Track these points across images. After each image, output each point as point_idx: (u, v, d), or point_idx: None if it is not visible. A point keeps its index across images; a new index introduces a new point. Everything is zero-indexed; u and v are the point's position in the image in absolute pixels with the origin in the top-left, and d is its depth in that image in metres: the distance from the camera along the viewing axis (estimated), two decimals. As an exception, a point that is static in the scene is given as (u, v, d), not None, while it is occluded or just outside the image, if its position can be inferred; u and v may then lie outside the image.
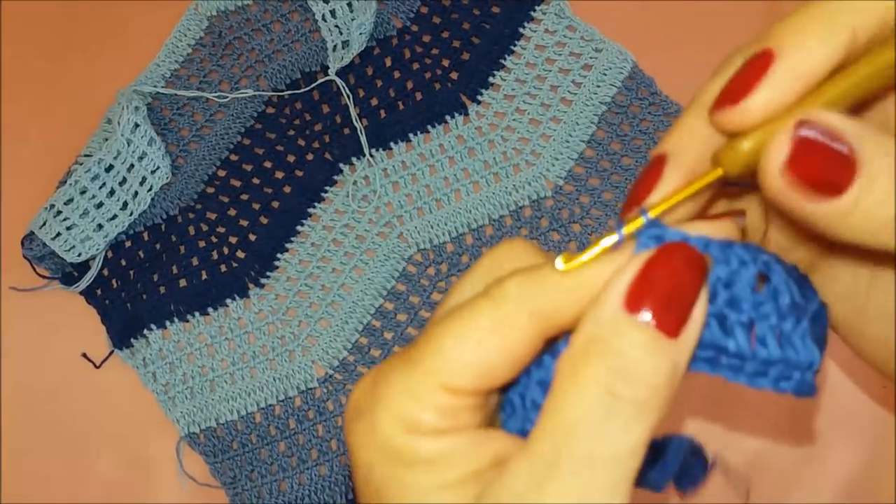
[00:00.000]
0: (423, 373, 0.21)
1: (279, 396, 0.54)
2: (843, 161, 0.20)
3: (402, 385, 0.22)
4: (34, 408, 0.55)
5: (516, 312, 0.21)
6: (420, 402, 0.21)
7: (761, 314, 0.22)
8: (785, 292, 0.22)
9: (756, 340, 0.21)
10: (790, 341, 0.22)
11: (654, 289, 0.20)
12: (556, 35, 0.56)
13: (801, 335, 0.22)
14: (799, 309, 0.22)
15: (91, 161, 0.53)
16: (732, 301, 0.21)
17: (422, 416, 0.21)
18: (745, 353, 0.21)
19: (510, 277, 0.22)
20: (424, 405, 0.21)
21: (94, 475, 0.54)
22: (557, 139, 0.54)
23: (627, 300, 0.20)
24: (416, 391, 0.21)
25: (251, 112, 0.57)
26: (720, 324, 0.21)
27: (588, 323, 0.20)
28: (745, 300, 0.21)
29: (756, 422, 0.52)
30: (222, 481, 0.53)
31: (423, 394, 0.21)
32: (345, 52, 0.56)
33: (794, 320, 0.22)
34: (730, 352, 0.21)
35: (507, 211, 0.54)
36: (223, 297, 0.55)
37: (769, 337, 0.21)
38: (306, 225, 0.56)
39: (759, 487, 0.51)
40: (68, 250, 0.53)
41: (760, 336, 0.21)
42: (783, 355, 0.22)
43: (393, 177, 0.56)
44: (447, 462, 0.21)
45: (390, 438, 0.21)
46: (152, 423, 0.55)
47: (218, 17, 0.58)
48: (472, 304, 0.22)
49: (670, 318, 0.20)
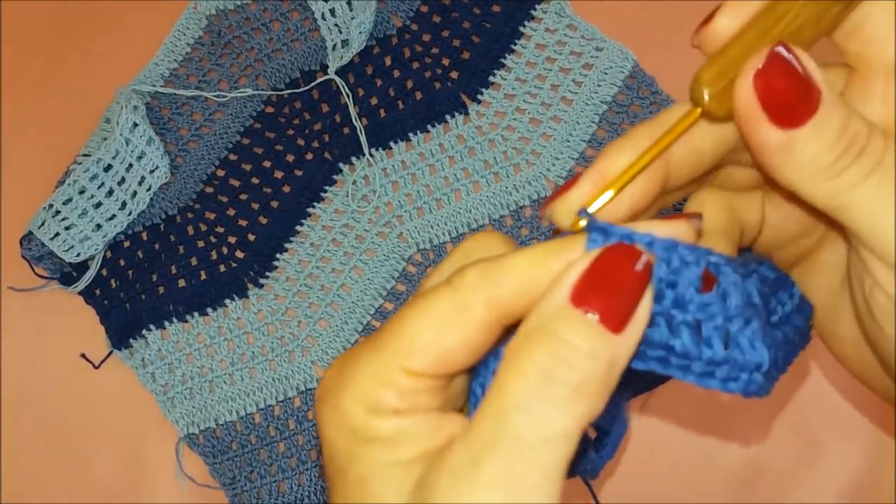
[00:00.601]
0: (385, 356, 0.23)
1: (278, 397, 0.54)
2: (807, 92, 0.23)
3: (366, 368, 0.23)
4: (33, 408, 0.55)
5: (473, 299, 0.22)
6: (381, 384, 0.22)
7: (708, 315, 0.22)
8: (734, 294, 0.22)
9: (702, 341, 0.22)
10: (737, 342, 0.22)
11: (599, 285, 0.21)
12: (556, 34, 0.56)
13: (750, 336, 0.22)
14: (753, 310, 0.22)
15: (90, 161, 0.53)
16: (678, 301, 0.22)
17: (382, 396, 0.22)
18: (690, 353, 0.22)
19: (471, 266, 0.23)
20: (385, 387, 0.22)
21: (92, 476, 0.54)
22: (558, 138, 0.54)
23: (574, 295, 0.21)
24: (378, 373, 0.23)
25: (250, 111, 0.57)
26: (668, 323, 0.22)
27: (535, 314, 0.21)
28: (691, 301, 0.22)
29: (756, 422, 0.51)
30: (221, 482, 0.53)
31: (384, 376, 0.22)
32: (344, 51, 0.55)
33: (742, 322, 0.22)
34: (677, 351, 0.22)
35: (508, 211, 0.54)
36: (222, 298, 0.55)
37: (714, 338, 0.22)
38: (305, 225, 0.56)
39: (759, 487, 0.51)
40: (67, 250, 0.53)
41: (706, 337, 0.22)
42: (728, 356, 0.22)
43: (393, 176, 0.55)
44: (402, 441, 0.22)
45: (352, 417, 0.23)
46: (151, 424, 0.55)
47: (217, 15, 0.58)
48: (434, 290, 0.23)
49: (614, 314, 0.21)
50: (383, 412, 0.23)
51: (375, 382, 0.23)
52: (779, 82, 0.23)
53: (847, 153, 0.23)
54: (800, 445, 0.51)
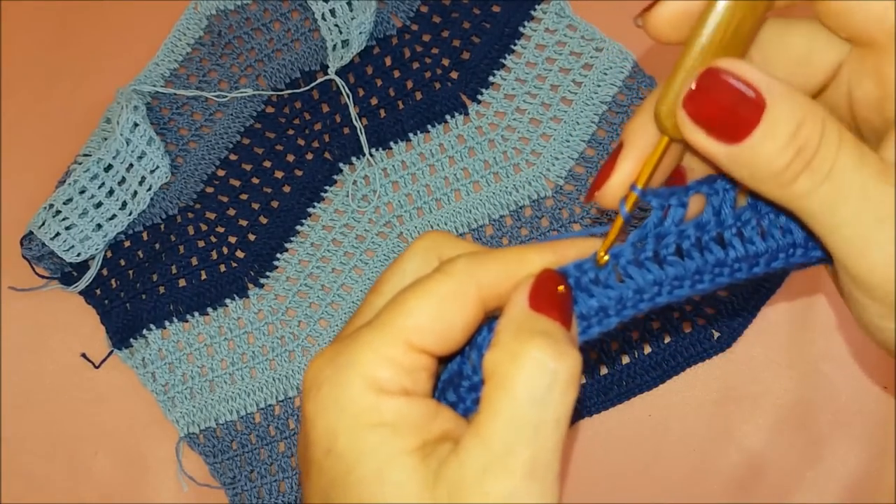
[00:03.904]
0: (388, 332, 0.24)
1: (279, 396, 0.54)
2: (746, 105, 0.23)
3: (368, 346, 0.24)
4: (33, 408, 0.55)
5: (467, 283, 0.25)
6: (385, 360, 0.24)
7: (743, 221, 0.27)
8: (759, 201, 0.27)
9: (745, 241, 0.27)
10: (774, 230, 0.27)
11: (544, 295, 0.25)
12: (556, 34, 0.56)
13: (785, 221, 0.27)
14: (772, 206, 0.28)
15: (90, 161, 0.53)
16: (720, 222, 0.27)
17: (387, 372, 0.24)
18: (745, 254, 0.27)
19: (459, 257, 0.26)
20: (389, 363, 0.24)
21: (93, 475, 0.54)
22: (558, 139, 0.54)
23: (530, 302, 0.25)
24: (382, 350, 0.24)
25: (250, 111, 0.57)
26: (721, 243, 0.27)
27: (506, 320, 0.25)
28: (729, 217, 0.27)
29: (756, 422, 0.51)
30: (222, 482, 0.53)
31: (388, 351, 0.24)
32: (344, 52, 0.55)
33: (773, 214, 0.27)
34: (740, 256, 0.27)
35: (508, 211, 0.54)
36: (222, 297, 0.55)
37: (762, 233, 0.27)
38: (306, 225, 0.56)
39: (759, 487, 0.51)
40: (67, 250, 0.53)
41: (748, 237, 0.27)
42: (767, 245, 0.27)
43: (393, 176, 0.55)
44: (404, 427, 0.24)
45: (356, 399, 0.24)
46: (151, 424, 0.55)
47: (217, 16, 0.58)
48: (429, 277, 0.25)
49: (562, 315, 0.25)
50: (389, 390, 0.24)
51: (380, 359, 0.24)
52: (709, 105, 0.24)
53: (796, 161, 0.23)
54: (800, 445, 0.51)
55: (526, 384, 0.23)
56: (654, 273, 0.26)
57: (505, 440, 0.23)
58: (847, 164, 0.23)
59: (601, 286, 0.26)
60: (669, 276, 0.26)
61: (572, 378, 0.23)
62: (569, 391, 0.23)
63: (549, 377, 0.23)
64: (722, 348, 0.51)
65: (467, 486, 0.23)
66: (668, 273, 0.26)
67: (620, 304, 0.26)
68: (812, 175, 0.23)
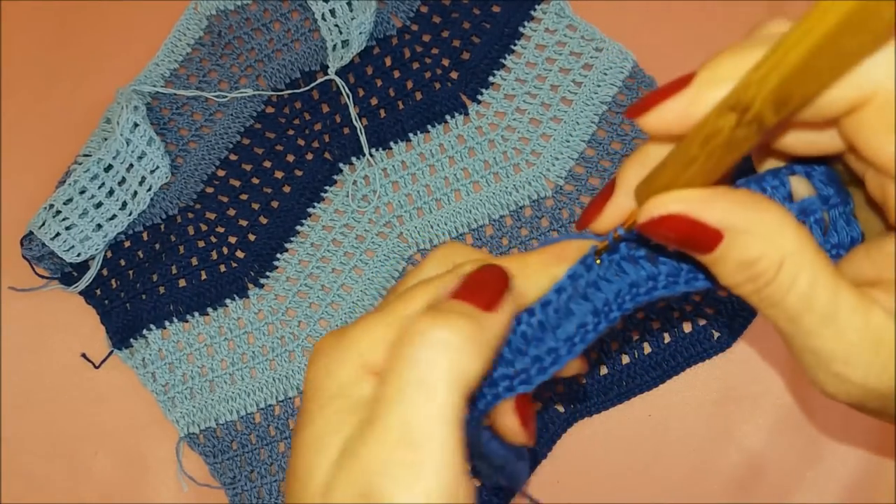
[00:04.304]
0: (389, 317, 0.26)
1: (279, 397, 0.54)
2: (704, 234, 0.25)
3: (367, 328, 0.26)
4: (33, 408, 0.55)
5: None
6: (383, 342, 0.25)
7: (830, 205, 0.28)
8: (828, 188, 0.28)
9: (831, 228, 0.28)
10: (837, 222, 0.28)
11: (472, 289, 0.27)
12: (556, 34, 0.56)
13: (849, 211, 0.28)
14: None
15: (90, 161, 0.53)
16: (804, 210, 0.27)
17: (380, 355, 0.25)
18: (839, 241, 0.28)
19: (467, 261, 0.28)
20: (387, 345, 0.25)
21: (93, 475, 0.54)
22: (558, 139, 0.54)
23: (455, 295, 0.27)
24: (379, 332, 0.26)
25: (250, 111, 0.57)
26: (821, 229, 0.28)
27: None
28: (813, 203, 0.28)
29: (756, 422, 0.51)
30: (222, 482, 0.53)
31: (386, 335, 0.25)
32: (344, 52, 0.55)
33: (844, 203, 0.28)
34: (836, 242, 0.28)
35: (508, 211, 0.54)
36: (222, 298, 0.55)
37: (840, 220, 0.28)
38: (306, 225, 0.56)
39: (759, 487, 0.51)
40: (67, 250, 0.53)
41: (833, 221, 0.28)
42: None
43: (393, 176, 0.55)
44: None
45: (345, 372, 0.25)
46: (152, 424, 0.55)
47: (217, 16, 0.58)
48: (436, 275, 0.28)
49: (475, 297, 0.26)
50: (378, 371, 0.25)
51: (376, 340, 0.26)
52: (664, 232, 0.25)
53: (750, 284, 0.25)
54: (800, 445, 0.51)
55: (410, 350, 0.24)
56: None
57: (386, 409, 0.24)
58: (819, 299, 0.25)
59: None
60: None
61: (463, 343, 0.24)
62: (460, 357, 0.24)
63: (437, 344, 0.24)
64: (722, 348, 0.51)
65: (360, 457, 0.24)
66: None
67: None
68: (771, 296, 0.25)
